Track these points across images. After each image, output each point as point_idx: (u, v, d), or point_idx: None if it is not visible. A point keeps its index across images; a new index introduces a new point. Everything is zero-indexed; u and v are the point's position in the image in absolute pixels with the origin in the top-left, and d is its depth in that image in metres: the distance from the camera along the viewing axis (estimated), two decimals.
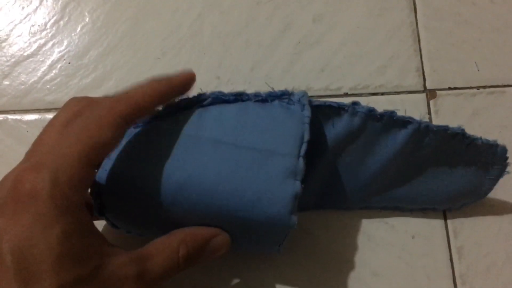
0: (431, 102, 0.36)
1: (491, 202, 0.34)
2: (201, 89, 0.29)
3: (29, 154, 0.23)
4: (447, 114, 0.36)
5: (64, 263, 0.20)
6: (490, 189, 0.33)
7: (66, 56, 0.37)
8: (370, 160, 0.30)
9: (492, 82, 0.36)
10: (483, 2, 0.38)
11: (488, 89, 0.36)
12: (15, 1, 0.38)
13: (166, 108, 0.28)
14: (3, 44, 0.37)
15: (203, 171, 0.25)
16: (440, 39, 0.37)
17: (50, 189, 0.21)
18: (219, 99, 0.28)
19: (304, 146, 0.26)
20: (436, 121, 0.35)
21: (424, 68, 0.37)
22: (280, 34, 0.38)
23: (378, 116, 0.29)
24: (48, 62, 0.37)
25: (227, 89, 0.36)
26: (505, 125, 0.35)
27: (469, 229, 0.34)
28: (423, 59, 0.37)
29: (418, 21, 0.38)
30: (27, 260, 0.19)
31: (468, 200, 0.33)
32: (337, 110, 0.29)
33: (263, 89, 0.36)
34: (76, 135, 0.23)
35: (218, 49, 0.37)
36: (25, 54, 0.37)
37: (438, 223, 0.34)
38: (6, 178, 0.22)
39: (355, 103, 0.29)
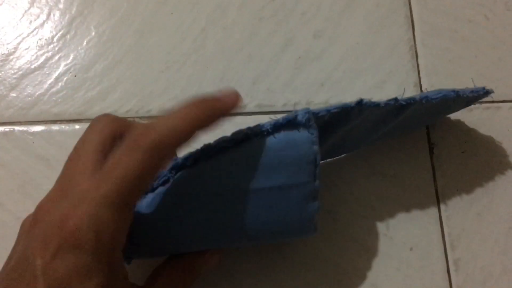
0: None
1: (488, 215, 0.35)
2: None
3: (64, 185, 0.23)
4: (444, 129, 0.37)
5: None
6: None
7: (72, 69, 0.38)
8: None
9: (488, 98, 0.37)
10: (479, 20, 0.39)
11: (484, 105, 0.37)
12: (23, 15, 0.39)
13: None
14: (11, 57, 0.38)
15: (232, 219, 0.27)
16: (437, 55, 0.38)
17: (95, 243, 0.20)
18: (221, 147, 0.27)
19: (318, 169, 0.27)
20: (433, 136, 0.36)
21: (422, 83, 0.38)
22: (281, 49, 0.39)
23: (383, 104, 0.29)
24: (55, 75, 0.38)
25: None
26: (500, 140, 0.36)
27: (466, 241, 0.34)
28: (420, 75, 0.38)
29: (416, 37, 0.39)
30: None
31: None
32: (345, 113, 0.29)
33: (264, 102, 0.37)
34: (109, 174, 0.21)
35: (220, 63, 0.38)
36: (32, 67, 0.38)
37: (435, 235, 0.34)
38: (48, 210, 0.22)
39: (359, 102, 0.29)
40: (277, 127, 0.27)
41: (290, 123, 0.27)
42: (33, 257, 0.20)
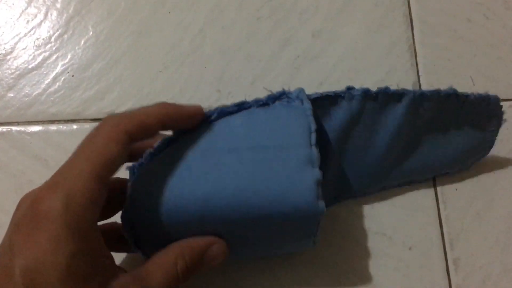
0: None
1: (487, 215, 0.35)
2: (204, 105, 0.30)
3: (52, 176, 0.24)
4: None
5: (70, 283, 0.21)
6: (492, 141, 0.35)
7: (69, 69, 0.38)
8: (375, 140, 0.31)
9: None
10: (478, 19, 0.39)
11: None
12: (20, 15, 0.39)
13: (177, 132, 0.28)
14: (8, 57, 0.38)
15: (224, 180, 0.26)
16: (436, 55, 0.38)
17: (63, 210, 0.21)
18: (224, 112, 0.29)
19: (313, 136, 0.27)
20: None
21: (421, 82, 0.38)
22: (280, 48, 0.39)
23: (374, 94, 0.30)
24: (52, 74, 0.38)
25: (227, 102, 0.37)
26: (499, 139, 0.36)
27: (466, 240, 0.34)
28: (420, 74, 0.38)
29: (415, 37, 0.39)
30: (36, 279, 0.20)
31: (475, 157, 0.35)
32: (334, 99, 0.30)
33: None
34: (85, 154, 0.23)
35: (219, 63, 0.38)
36: (30, 67, 0.38)
37: (435, 234, 0.34)
38: (26, 196, 0.23)
39: (349, 88, 0.30)
40: (271, 98, 0.29)
41: (283, 95, 0.29)
42: (9, 242, 0.22)
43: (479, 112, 0.33)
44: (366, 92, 0.30)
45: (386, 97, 0.30)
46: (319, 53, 0.38)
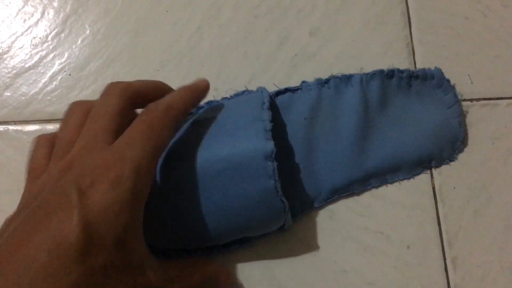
0: None
1: (485, 213, 0.34)
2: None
3: (87, 146, 0.25)
4: None
5: (120, 246, 0.22)
6: (459, 118, 0.35)
7: (66, 68, 0.38)
8: (339, 127, 0.34)
9: (486, 95, 0.37)
10: (476, 16, 0.39)
11: (481, 102, 0.37)
12: (17, 13, 0.39)
13: None
14: (5, 56, 0.38)
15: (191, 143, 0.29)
16: (434, 53, 0.38)
17: (133, 183, 0.23)
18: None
19: (268, 132, 0.29)
20: None
21: None
22: (277, 47, 0.38)
23: (326, 80, 0.35)
24: (49, 73, 0.37)
25: None
26: (498, 137, 0.36)
27: (464, 239, 0.34)
28: None
29: (413, 35, 0.39)
30: (93, 234, 0.21)
31: (449, 140, 0.35)
32: (293, 91, 0.35)
33: None
34: (146, 134, 0.25)
35: (216, 61, 0.38)
36: (27, 65, 0.38)
37: (433, 233, 0.34)
38: (94, 151, 0.24)
39: (303, 81, 0.35)
40: (235, 95, 0.35)
41: (246, 91, 0.35)
42: (69, 189, 0.22)
43: (428, 89, 0.36)
44: (318, 80, 0.35)
45: (337, 81, 0.35)
46: (317, 51, 0.38)
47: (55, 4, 0.39)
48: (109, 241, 0.22)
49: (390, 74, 0.35)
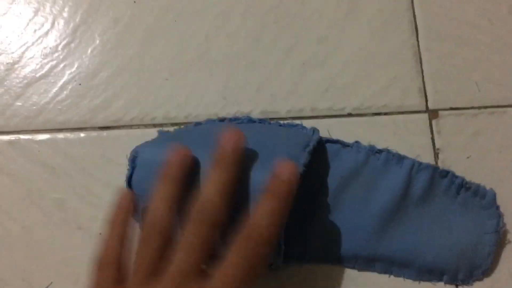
0: (434, 122, 0.37)
1: None
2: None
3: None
4: (449, 134, 0.36)
5: None
6: (492, 247, 0.33)
7: (76, 77, 0.38)
8: (371, 200, 0.33)
9: (493, 103, 0.37)
10: (483, 24, 0.39)
11: (489, 109, 0.37)
12: (28, 24, 0.39)
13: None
14: (16, 66, 0.38)
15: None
16: (441, 60, 0.38)
17: None
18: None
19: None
20: (439, 141, 0.36)
21: (426, 88, 0.38)
22: (285, 55, 0.39)
23: (378, 151, 0.34)
24: (59, 83, 0.38)
25: (233, 109, 0.37)
26: (506, 145, 0.36)
27: None
28: (425, 80, 0.38)
29: (420, 43, 0.39)
30: None
31: (471, 264, 0.33)
32: (344, 144, 0.34)
33: (269, 108, 0.37)
34: (246, 266, 0.24)
35: (224, 70, 0.38)
36: (37, 75, 0.38)
37: None
38: None
39: (357, 141, 0.34)
40: (288, 124, 0.36)
41: (299, 125, 0.35)
42: None
43: (474, 206, 0.34)
44: (372, 147, 0.34)
45: (389, 157, 0.34)
46: (325, 59, 0.38)
47: (65, 14, 0.40)
48: None
49: (443, 174, 0.33)
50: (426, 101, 0.37)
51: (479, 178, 0.35)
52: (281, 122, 0.36)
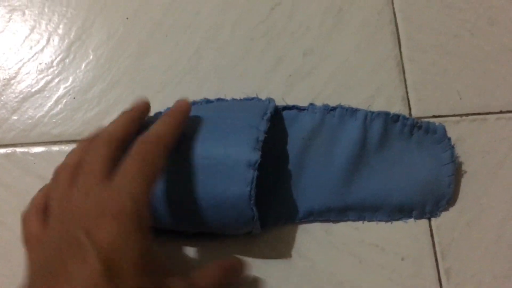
0: None
1: (477, 224, 0.35)
2: None
3: (82, 189, 0.26)
4: None
5: (140, 272, 0.24)
6: (451, 177, 0.35)
7: (71, 91, 0.39)
8: (333, 155, 0.35)
9: (474, 110, 0.38)
10: (464, 35, 0.40)
11: (470, 117, 0.38)
12: (24, 41, 0.41)
13: None
14: (12, 81, 0.40)
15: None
16: (424, 70, 0.40)
17: (135, 212, 0.25)
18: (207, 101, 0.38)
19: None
20: None
21: (410, 97, 0.39)
22: (272, 67, 0.40)
23: (332, 108, 0.36)
24: (54, 97, 0.39)
25: None
26: (487, 151, 0.37)
27: (456, 250, 0.35)
28: (408, 89, 0.39)
29: (403, 54, 0.40)
30: (113, 259, 0.23)
31: (436, 193, 0.35)
32: (300, 109, 0.36)
33: None
34: (140, 168, 0.26)
35: (214, 82, 0.40)
36: (33, 90, 0.39)
37: (426, 245, 0.35)
38: (91, 193, 0.26)
39: (311, 104, 0.36)
40: (245, 99, 0.38)
41: (255, 98, 0.38)
42: (77, 233, 0.24)
43: (428, 142, 0.36)
44: (326, 106, 0.36)
45: (343, 112, 0.36)
46: (311, 71, 0.40)
47: (60, 31, 0.41)
48: (129, 269, 0.23)
49: (394, 118, 0.36)
50: (410, 109, 0.39)
51: (462, 183, 0.36)
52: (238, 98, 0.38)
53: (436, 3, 0.41)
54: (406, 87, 0.39)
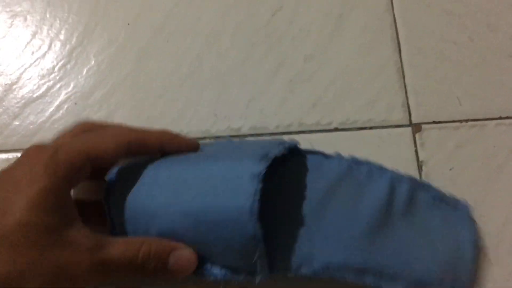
0: (417, 135, 0.38)
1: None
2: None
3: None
4: (432, 147, 0.38)
5: (34, 211, 0.24)
6: (471, 262, 0.33)
7: (72, 97, 0.39)
8: (359, 207, 0.32)
9: (474, 116, 0.39)
10: (463, 41, 0.41)
11: (470, 123, 0.38)
12: (25, 46, 0.41)
13: None
14: (14, 86, 0.40)
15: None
16: (423, 76, 0.40)
17: (48, 158, 0.26)
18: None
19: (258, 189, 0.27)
20: (422, 154, 0.37)
21: (410, 103, 0.39)
22: (273, 73, 0.40)
23: (359, 162, 0.34)
24: (56, 103, 0.39)
25: (224, 125, 0.39)
26: (487, 156, 0.37)
27: None
28: (408, 95, 0.39)
29: (403, 59, 0.40)
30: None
31: (454, 274, 0.32)
32: (326, 155, 0.34)
33: (258, 124, 0.39)
34: (85, 137, 0.28)
35: (215, 86, 0.40)
36: (34, 96, 0.39)
37: None
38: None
39: (338, 153, 0.34)
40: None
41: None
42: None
43: (452, 218, 0.34)
44: (354, 159, 0.34)
45: (371, 167, 0.33)
46: (311, 76, 0.40)
47: (62, 36, 0.41)
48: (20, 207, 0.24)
49: (421, 186, 0.34)
50: (410, 115, 0.39)
51: (462, 188, 0.36)
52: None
53: (436, 9, 0.41)
54: (406, 93, 0.39)
